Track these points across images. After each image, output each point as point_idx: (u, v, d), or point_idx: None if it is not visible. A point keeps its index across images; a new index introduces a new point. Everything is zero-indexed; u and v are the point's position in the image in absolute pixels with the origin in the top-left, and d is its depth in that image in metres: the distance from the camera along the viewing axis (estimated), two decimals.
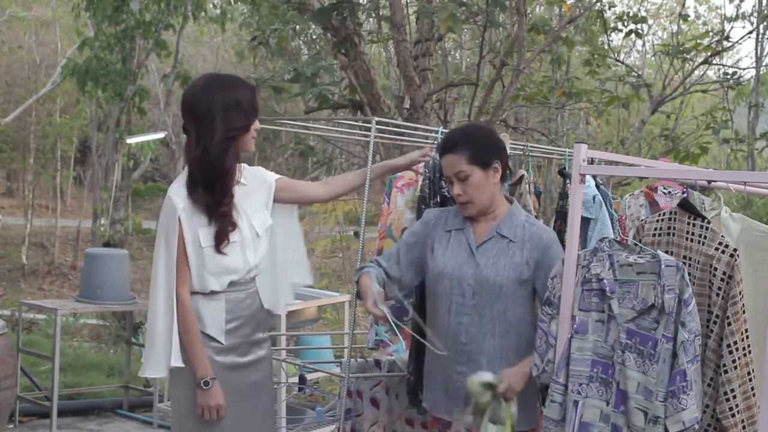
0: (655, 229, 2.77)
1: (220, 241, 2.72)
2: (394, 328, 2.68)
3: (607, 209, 3.85)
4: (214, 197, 2.71)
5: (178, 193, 2.72)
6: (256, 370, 2.92)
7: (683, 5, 9.82)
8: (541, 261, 2.80)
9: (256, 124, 2.80)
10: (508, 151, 2.90)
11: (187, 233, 2.70)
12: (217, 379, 2.75)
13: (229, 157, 2.71)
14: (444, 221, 2.92)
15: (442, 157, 2.86)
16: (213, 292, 2.76)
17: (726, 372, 2.53)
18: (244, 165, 2.91)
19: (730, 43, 9.33)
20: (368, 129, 3.51)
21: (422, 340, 2.86)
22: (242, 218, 2.81)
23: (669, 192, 4.06)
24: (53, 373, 5.20)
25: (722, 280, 2.55)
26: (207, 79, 2.82)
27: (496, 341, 2.79)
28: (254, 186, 2.90)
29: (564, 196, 3.83)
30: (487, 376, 2.68)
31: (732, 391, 2.52)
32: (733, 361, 2.52)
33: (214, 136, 2.68)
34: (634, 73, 8.80)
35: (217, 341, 2.77)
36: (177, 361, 2.71)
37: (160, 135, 12.85)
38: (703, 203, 3.37)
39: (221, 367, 2.76)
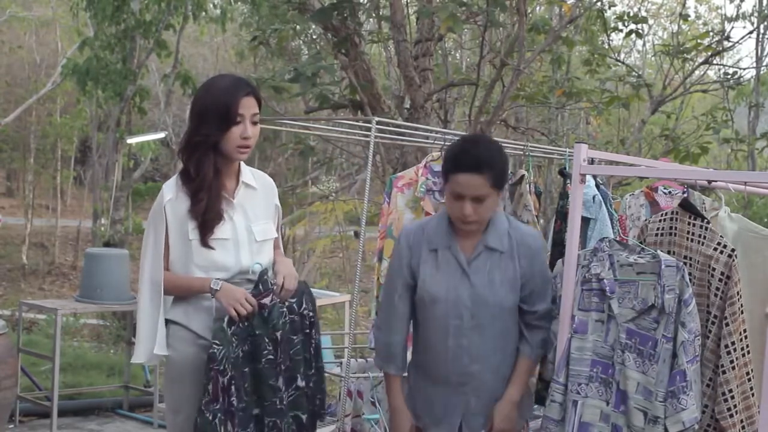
0: (658, 228, 2.77)
1: (204, 234, 2.71)
2: None
3: (607, 209, 3.85)
4: (194, 189, 2.72)
5: (169, 184, 2.76)
6: None
7: (683, 5, 9.85)
8: (527, 271, 2.71)
9: (244, 132, 2.68)
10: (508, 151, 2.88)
11: (172, 225, 2.71)
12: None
13: (196, 158, 2.70)
14: (426, 240, 2.75)
15: (458, 174, 2.61)
16: None
17: (724, 372, 2.53)
18: (252, 169, 2.90)
19: (730, 43, 9.35)
20: (368, 129, 3.51)
21: None
22: (239, 217, 2.79)
23: (669, 192, 4.06)
24: (53, 373, 5.19)
25: (720, 280, 2.55)
26: (207, 81, 2.84)
27: (499, 356, 2.72)
28: (264, 192, 2.87)
29: (564, 196, 3.83)
30: None
31: (730, 391, 2.52)
32: (731, 362, 2.52)
33: (187, 137, 2.75)
34: (634, 73, 8.81)
35: (204, 338, 2.74)
36: (161, 349, 2.73)
37: (161, 135, 12.82)
38: (704, 203, 3.37)
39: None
